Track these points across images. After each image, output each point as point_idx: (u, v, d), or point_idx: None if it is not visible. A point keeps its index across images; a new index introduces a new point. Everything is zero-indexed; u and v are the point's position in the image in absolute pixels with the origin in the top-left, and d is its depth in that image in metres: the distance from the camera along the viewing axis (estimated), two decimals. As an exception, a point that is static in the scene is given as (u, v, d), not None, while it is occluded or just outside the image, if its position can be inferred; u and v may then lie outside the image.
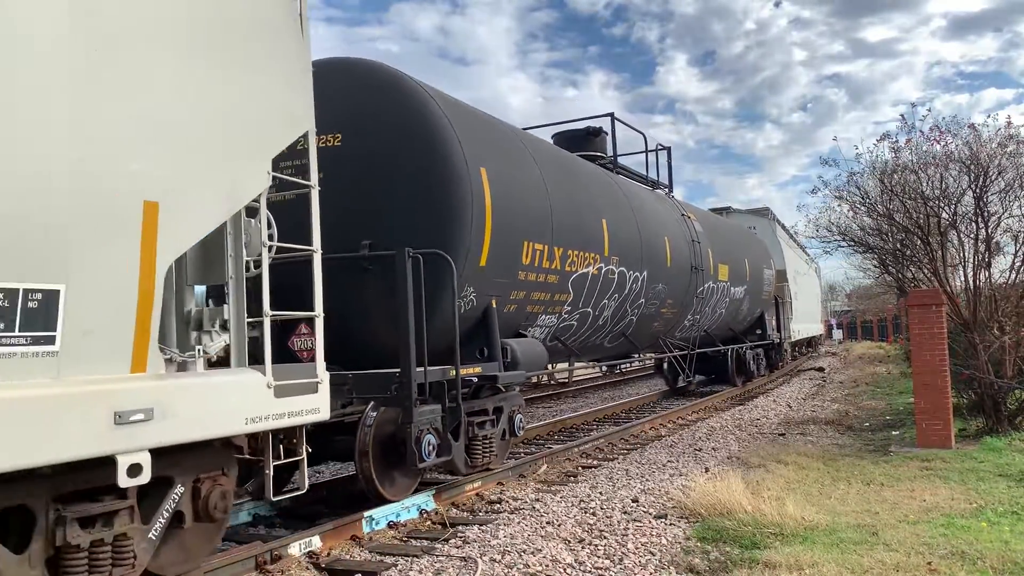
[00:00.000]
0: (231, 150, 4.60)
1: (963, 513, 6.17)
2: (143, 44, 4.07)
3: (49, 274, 3.66)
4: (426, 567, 5.30)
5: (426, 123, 7.06)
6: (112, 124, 3.88)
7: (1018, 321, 10.23)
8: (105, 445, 3.80)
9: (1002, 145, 10.79)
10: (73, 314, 3.74)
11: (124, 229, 3.96)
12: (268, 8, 4.89)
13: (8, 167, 3.44)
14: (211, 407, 4.39)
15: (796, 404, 15.15)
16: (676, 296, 12.94)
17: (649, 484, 7.80)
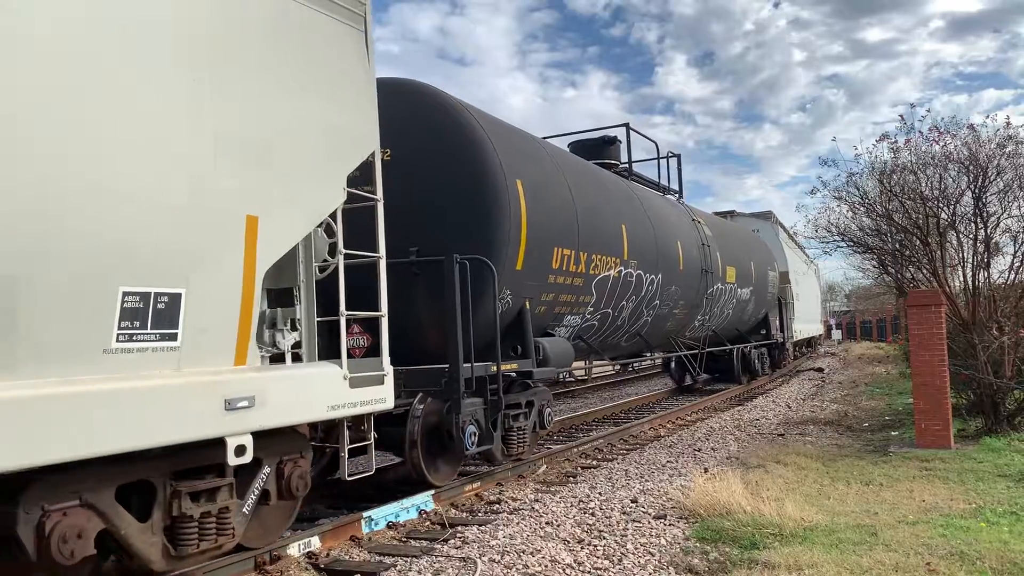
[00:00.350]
0: (315, 169, 5.24)
1: (962, 513, 6.17)
2: (250, 82, 4.73)
3: (173, 279, 4.25)
4: (425, 567, 5.29)
5: (468, 140, 7.68)
6: (222, 148, 4.48)
7: (1017, 321, 10.24)
8: (218, 428, 4.43)
9: (1001, 145, 10.79)
10: (191, 314, 4.34)
11: (232, 240, 4.59)
12: (345, 46, 5.57)
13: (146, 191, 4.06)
14: (300, 396, 5.05)
15: (795, 404, 15.16)
16: (688, 297, 13.45)
17: (648, 484, 7.80)
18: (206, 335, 4.45)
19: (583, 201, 9.58)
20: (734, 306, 16.66)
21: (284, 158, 4.96)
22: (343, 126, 5.51)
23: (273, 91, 4.92)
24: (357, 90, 5.69)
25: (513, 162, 8.03)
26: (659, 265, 11.79)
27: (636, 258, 10.90)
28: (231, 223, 4.57)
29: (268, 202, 4.80)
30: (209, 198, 4.42)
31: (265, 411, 4.72)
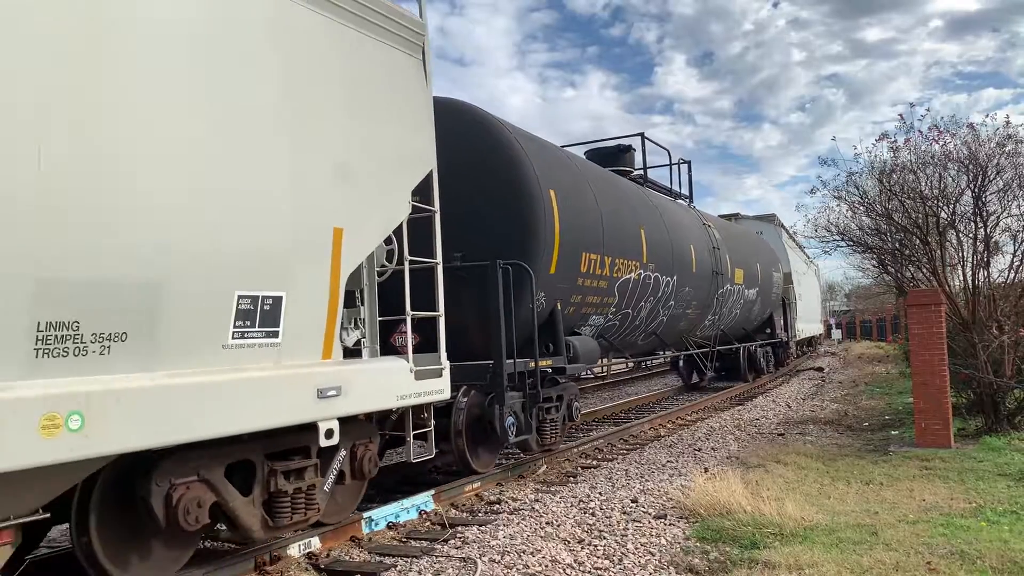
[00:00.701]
0: (386, 186, 5.92)
1: (962, 512, 6.17)
2: (337, 111, 5.43)
3: (276, 284, 4.89)
4: (425, 568, 5.29)
5: (509, 156, 8.37)
6: (316, 169, 5.19)
7: (1017, 320, 10.24)
8: (312, 414, 5.09)
9: (1000, 144, 10.79)
10: (290, 314, 4.99)
11: (322, 249, 5.26)
12: (408, 73, 6.24)
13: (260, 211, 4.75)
14: (375, 386, 5.73)
15: (795, 404, 15.16)
16: (700, 298, 14.06)
17: (648, 484, 7.80)
18: (300, 332, 5.10)
19: (607, 208, 10.19)
20: (741, 306, 17.25)
21: (363, 176, 5.64)
22: (408, 146, 6.19)
23: (355, 118, 5.62)
24: (419, 112, 6.37)
25: (546, 175, 8.71)
26: (674, 268, 12.38)
27: (654, 261, 11.50)
28: (322, 235, 5.26)
29: (350, 216, 5.47)
30: (305, 214, 5.11)
31: (349, 399, 5.39)
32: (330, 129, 5.38)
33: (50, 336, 3.72)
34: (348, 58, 5.60)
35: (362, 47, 5.73)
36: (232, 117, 4.66)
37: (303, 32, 5.21)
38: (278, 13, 4.98)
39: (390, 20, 6.06)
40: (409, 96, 6.25)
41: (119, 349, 4.00)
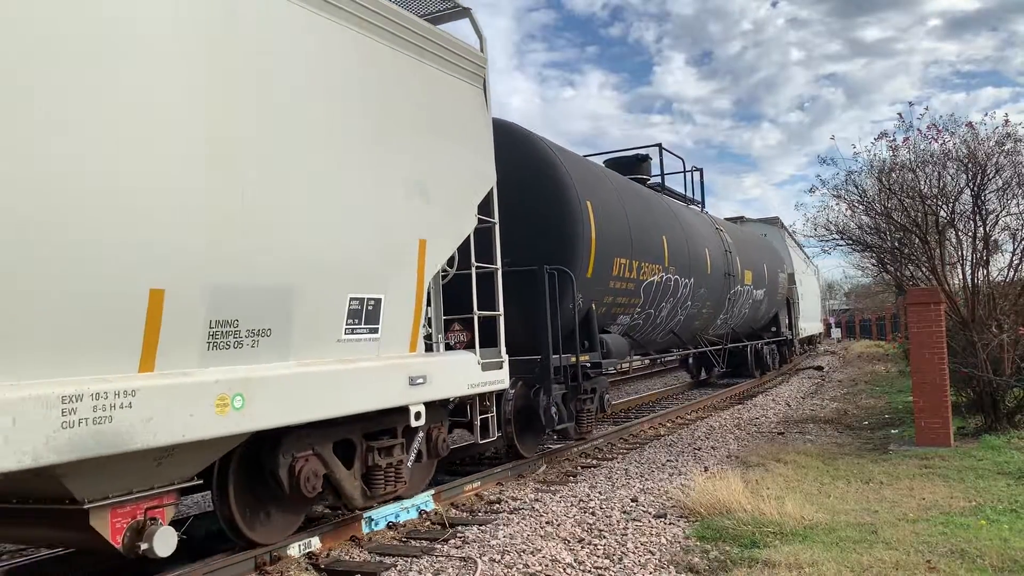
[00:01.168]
0: (458, 202, 6.81)
1: (962, 511, 6.17)
2: (420, 137, 6.28)
3: (377, 288, 5.77)
4: (425, 567, 5.29)
5: (552, 172, 9.30)
6: (406, 190, 6.07)
7: (1016, 319, 10.24)
8: (405, 399, 6.02)
9: (999, 143, 10.78)
10: (387, 313, 5.87)
11: (410, 258, 6.13)
12: (473, 100, 7.13)
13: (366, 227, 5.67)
14: (452, 375, 6.67)
15: (795, 403, 15.16)
16: (713, 298, 14.91)
17: (648, 483, 7.80)
18: (395, 329, 5.99)
19: (633, 216, 11.08)
20: (750, 306, 18.05)
21: (440, 194, 6.48)
22: (474, 166, 7.09)
23: (435, 143, 6.47)
24: (481, 136, 7.25)
25: (584, 188, 9.62)
26: (692, 270, 13.26)
27: (674, 264, 12.36)
28: (411, 246, 6.15)
29: (432, 228, 6.35)
30: (400, 228, 6.02)
31: (432, 387, 6.31)
32: (417, 153, 6.27)
33: (218, 332, 4.57)
34: (429, 91, 6.49)
35: (439, 81, 6.64)
36: (345, 151, 5.53)
37: (396, 72, 6.07)
38: (375, 56, 5.86)
39: (460, 57, 6.94)
40: (475, 122, 7.16)
41: (265, 343, 4.88)
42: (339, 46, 5.52)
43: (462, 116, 6.95)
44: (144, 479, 4.45)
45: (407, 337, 6.17)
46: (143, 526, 4.43)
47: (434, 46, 6.56)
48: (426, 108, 6.41)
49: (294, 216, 5.02)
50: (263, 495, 5.51)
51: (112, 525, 4.34)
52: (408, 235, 6.11)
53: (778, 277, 20.72)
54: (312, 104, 5.22)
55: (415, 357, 6.20)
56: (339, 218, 5.40)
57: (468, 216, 6.96)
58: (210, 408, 4.40)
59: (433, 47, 6.55)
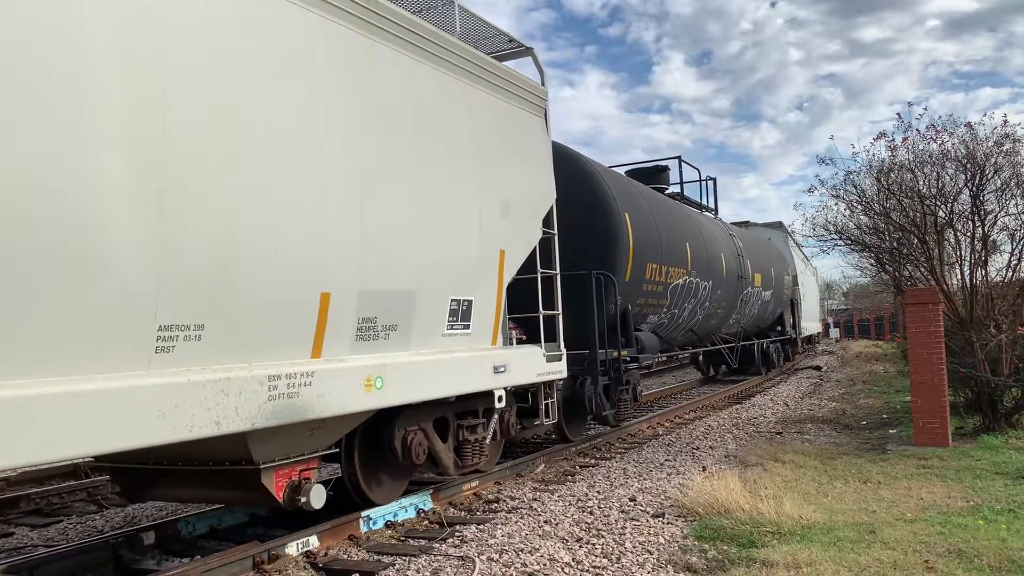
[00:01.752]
0: (528, 216, 7.94)
1: (960, 511, 6.17)
2: (501, 163, 7.40)
3: (470, 291, 6.92)
4: (423, 566, 5.29)
5: (596, 189, 10.55)
6: (490, 208, 7.17)
7: (1014, 319, 10.24)
8: (491, 384, 7.21)
9: (998, 144, 10.78)
10: (476, 312, 7.03)
11: (493, 265, 7.26)
12: (537, 128, 8.30)
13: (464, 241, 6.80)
14: (523, 365, 7.78)
15: (793, 403, 15.16)
16: (727, 299, 16.09)
17: (647, 483, 7.80)
18: (482, 325, 7.13)
19: (663, 226, 12.31)
20: (759, 306, 19.23)
21: (516, 211, 7.59)
22: (540, 185, 8.22)
23: (510, 167, 7.59)
24: (544, 158, 8.38)
25: (622, 201, 10.86)
26: (710, 274, 14.46)
27: (696, 268, 13.56)
28: (493, 255, 7.26)
29: (509, 240, 7.48)
30: (486, 240, 7.12)
31: (510, 375, 7.46)
32: (497, 176, 7.35)
33: (363, 327, 5.69)
34: (509, 124, 7.70)
35: (515, 115, 7.85)
36: (455, 183, 6.71)
37: (489, 111, 7.35)
38: (475, 100, 7.13)
39: (529, 92, 8.15)
40: (539, 147, 8.30)
41: (393, 336, 6.02)
42: (452, 95, 6.81)
43: (530, 142, 8.15)
44: (300, 446, 5.53)
45: (491, 332, 7.36)
46: (299, 484, 5.52)
47: (512, 86, 7.85)
48: (507, 138, 7.66)
49: (417, 235, 6.20)
50: (379, 463, 6.71)
51: (276, 483, 5.40)
52: (493, 247, 7.27)
53: (783, 279, 21.85)
54: (433, 147, 6.47)
55: (497, 349, 7.43)
56: (447, 235, 6.61)
57: (535, 229, 8.10)
58: (360, 387, 5.57)
59: (511, 87, 7.83)
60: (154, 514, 7.68)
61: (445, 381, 6.56)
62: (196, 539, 6.32)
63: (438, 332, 6.57)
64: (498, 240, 7.30)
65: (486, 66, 7.38)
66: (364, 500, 6.59)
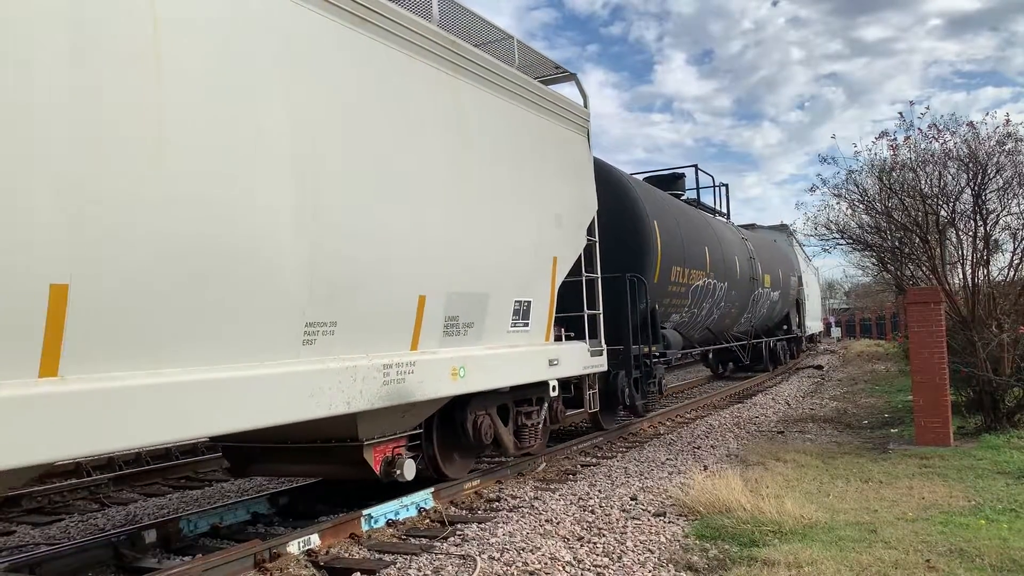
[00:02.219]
0: (576, 226, 8.88)
1: (962, 511, 6.16)
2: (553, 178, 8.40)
3: (529, 293, 7.90)
4: (425, 565, 5.29)
5: (629, 198, 11.60)
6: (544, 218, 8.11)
7: (1016, 319, 10.23)
8: (546, 375, 8.22)
9: (1000, 143, 10.76)
10: (533, 312, 8.01)
11: (547, 270, 8.21)
12: (582, 145, 9.27)
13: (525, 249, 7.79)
14: (572, 359, 8.76)
15: (794, 402, 15.16)
16: (740, 300, 17.20)
17: (648, 482, 7.80)
18: (538, 323, 8.11)
19: (686, 231, 13.42)
20: (768, 306, 20.34)
21: (566, 221, 8.54)
22: (584, 198, 9.14)
23: (562, 183, 8.58)
24: (587, 173, 9.33)
25: (652, 211, 11.93)
26: (726, 275, 15.51)
27: (714, 271, 14.63)
28: (548, 261, 8.24)
29: (559, 248, 8.45)
30: (543, 249, 8.11)
31: (561, 367, 8.47)
32: (551, 191, 8.32)
33: (448, 325, 6.67)
34: (559, 144, 8.64)
35: (563, 135, 8.80)
36: (519, 200, 7.72)
37: (545, 134, 8.35)
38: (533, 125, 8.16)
39: (575, 115, 9.15)
40: (583, 163, 9.25)
41: (470, 332, 6.99)
42: (514, 121, 7.83)
43: (576, 159, 9.08)
44: (394, 426, 6.51)
45: (545, 330, 8.33)
46: (393, 459, 6.48)
47: (561, 109, 8.83)
48: (558, 156, 8.61)
49: (489, 245, 7.18)
50: (451, 443, 7.65)
51: (374, 458, 6.35)
52: (547, 254, 8.23)
53: (790, 280, 22.98)
54: (500, 168, 7.44)
55: (551, 345, 8.41)
56: (512, 245, 7.61)
57: (581, 237, 9.02)
58: (447, 376, 6.58)
59: (560, 110, 8.81)
60: (155, 512, 7.69)
61: (511, 371, 7.67)
62: (197, 537, 6.33)
63: (504, 329, 7.59)
64: (552, 248, 8.31)
65: (541, 93, 8.44)
66: (440, 475, 7.55)
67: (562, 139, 8.78)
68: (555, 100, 8.74)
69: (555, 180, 8.45)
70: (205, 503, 7.86)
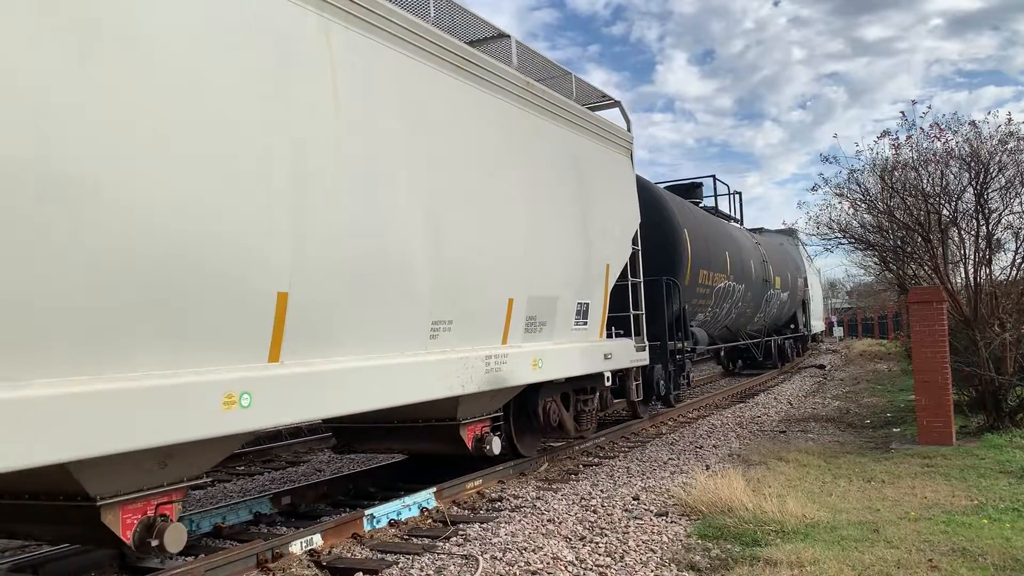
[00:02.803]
0: (623, 237, 10.24)
1: (964, 510, 6.16)
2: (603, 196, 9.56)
3: (588, 296, 9.13)
4: (427, 565, 5.29)
5: (664, 209, 12.99)
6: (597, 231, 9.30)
7: (1019, 318, 10.21)
8: (602, 367, 9.49)
9: (1002, 142, 10.75)
10: (591, 312, 9.24)
11: (601, 276, 9.46)
12: (627, 165, 10.61)
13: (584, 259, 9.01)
14: (622, 354, 10.06)
15: (797, 401, 15.15)
16: (755, 300, 18.78)
17: (650, 482, 7.80)
18: (594, 322, 9.39)
19: (711, 238, 15.04)
20: (778, 306, 21.77)
21: (615, 233, 9.91)
22: (629, 212, 10.47)
23: (612, 200, 9.94)
24: (632, 189, 10.67)
25: (683, 221, 13.44)
26: (743, 278, 17.03)
27: (733, 273, 16.21)
28: (601, 268, 9.48)
29: (611, 255, 9.76)
30: (598, 258, 9.38)
31: (614, 361, 9.79)
32: (604, 207, 9.60)
33: (528, 323, 7.94)
34: (609, 165, 9.95)
35: (612, 157, 10.11)
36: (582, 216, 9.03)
37: (599, 157, 9.72)
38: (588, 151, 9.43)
39: (621, 139, 10.50)
40: (628, 182, 10.61)
41: (544, 329, 8.28)
42: (576, 148, 9.10)
43: (623, 177, 10.41)
44: (483, 408, 7.75)
45: (600, 328, 9.62)
46: (482, 436, 7.69)
47: (611, 135, 10.14)
48: (609, 177, 9.92)
49: (557, 256, 8.47)
50: (523, 425, 8.87)
51: (468, 435, 7.57)
52: (602, 262, 9.51)
53: (797, 281, 24.47)
54: (565, 189, 8.75)
55: (605, 341, 9.75)
56: (575, 255, 8.89)
57: (627, 246, 10.35)
58: (529, 366, 7.88)
59: (610, 135, 10.13)
60: (158, 512, 7.68)
61: (576, 363, 8.95)
62: (200, 537, 6.34)
63: (569, 327, 8.87)
64: (605, 257, 9.60)
65: (595, 121, 9.76)
66: (515, 452, 8.77)
67: (611, 161, 10.10)
68: (606, 127, 10.05)
69: (607, 198, 9.75)
70: (208, 503, 7.87)
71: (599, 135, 9.76)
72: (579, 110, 9.33)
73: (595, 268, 9.30)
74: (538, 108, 8.28)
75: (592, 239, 9.19)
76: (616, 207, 10.01)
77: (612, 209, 9.85)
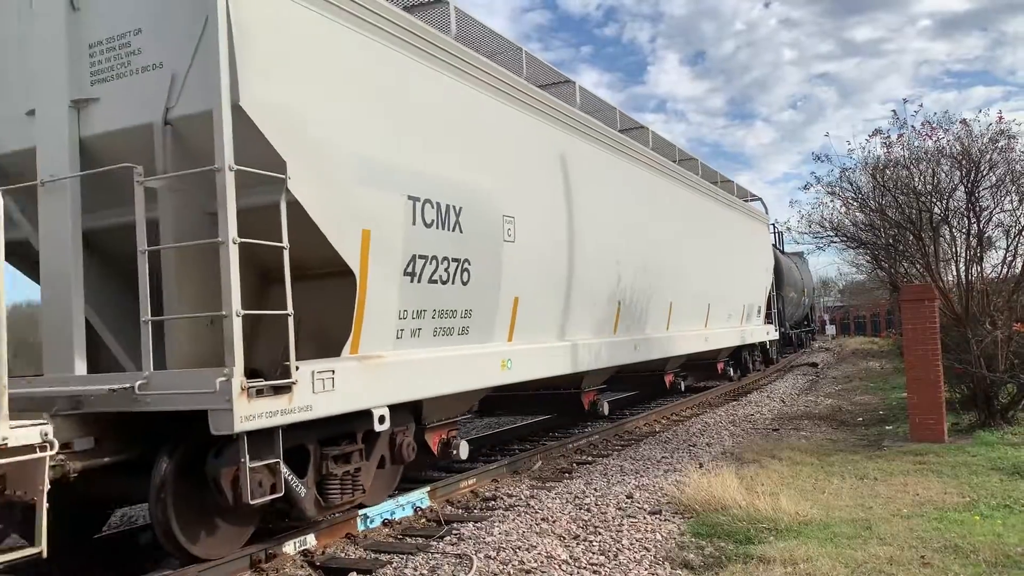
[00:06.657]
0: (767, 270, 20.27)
1: (956, 507, 6.19)
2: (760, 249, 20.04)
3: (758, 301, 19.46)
4: (421, 564, 5.29)
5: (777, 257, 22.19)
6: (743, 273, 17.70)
7: (1010, 315, 10.27)
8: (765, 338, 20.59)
9: (993, 140, 10.81)
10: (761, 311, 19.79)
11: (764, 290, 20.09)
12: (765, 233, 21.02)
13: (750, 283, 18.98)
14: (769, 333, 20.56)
15: (789, 400, 15.19)
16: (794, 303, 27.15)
17: (643, 480, 7.81)
18: (759, 315, 19.45)
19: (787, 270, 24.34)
20: (800, 308, 29.17)
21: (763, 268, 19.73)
22: (769, 257, 20.49)
23: (761, 250, 19.87)
24: (769, 245, 21.02)
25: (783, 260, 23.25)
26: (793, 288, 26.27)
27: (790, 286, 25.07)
28: (763, 286, 19.75)
29: (764, 280, 19.82)
30: (759, 282, 19.22)
31: (769, 336, 20.31)
32: (758, 255, 19.20)
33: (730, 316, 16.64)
34: (756, 231, 19.25)
35: (758, 226, 19.59)
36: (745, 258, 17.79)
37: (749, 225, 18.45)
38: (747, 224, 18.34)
39: (763, 216, 20.27)
40: (767, 240, 20.72)
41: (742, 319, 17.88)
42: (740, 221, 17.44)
43: (765, 239, 20.28)
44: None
45: (763, 318, 19.36)
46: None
47: (758, 216, 19.59)
48: (759, 238, 19.36)
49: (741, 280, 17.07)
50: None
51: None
52: (762, 283, 19.24)
53: (809, 289, 32.28)
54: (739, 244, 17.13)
55: (765, 325, 19.55)
56: (751, 280, 18.13)
57: (769, 275, 19.99)
58: (738, 337, 17.03)
59: (758, 216, 19.55)
60: (151, 513, 7.66)
61: (758, 335, 18.64)
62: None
63: (754, 316, 17.74)
64: (762, 280, 18.92)
65: (750, 209, 18.69)
66: None
67: (761, 229, 19.73)
68: (757, 213, 19.37)
69: (759, 249, 19.14)
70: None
71: (753, 217, 18.81)
72: (746, 205, 18.48)
73: (760, 286, 19.00)
74: (733, 208, 16.82)
75: (757, 271, 18.47)
76: (763, 254, 19.68)
77: (762, 255, 19.49)
